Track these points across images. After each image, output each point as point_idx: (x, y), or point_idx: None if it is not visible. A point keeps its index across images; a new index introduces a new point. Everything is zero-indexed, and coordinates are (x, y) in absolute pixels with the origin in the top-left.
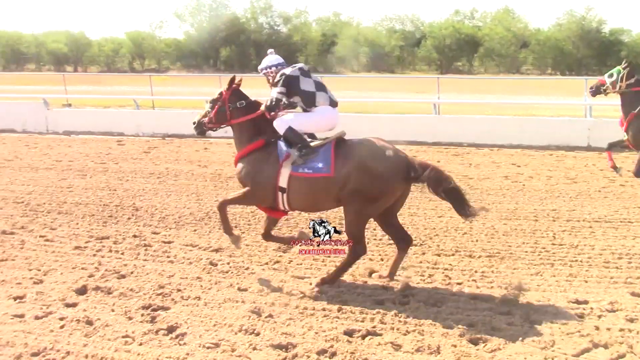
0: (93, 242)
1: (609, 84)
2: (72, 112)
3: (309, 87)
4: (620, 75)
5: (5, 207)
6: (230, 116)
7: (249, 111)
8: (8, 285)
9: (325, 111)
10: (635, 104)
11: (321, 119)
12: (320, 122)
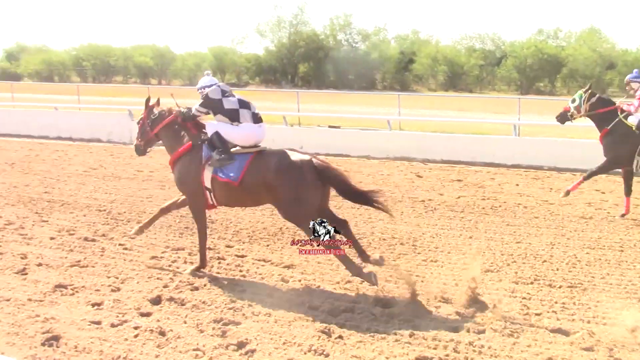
0: (169, 252)
1: (573, 110)
2: None
3: (233, 106)
4: (582, 99)
5: (88, 215)
6: (150, 130)
7: (162, 119)
8: (87, 292)
9: (248, 127)
10: (606, 122)
11: (244, 134)
12: (243, 136)
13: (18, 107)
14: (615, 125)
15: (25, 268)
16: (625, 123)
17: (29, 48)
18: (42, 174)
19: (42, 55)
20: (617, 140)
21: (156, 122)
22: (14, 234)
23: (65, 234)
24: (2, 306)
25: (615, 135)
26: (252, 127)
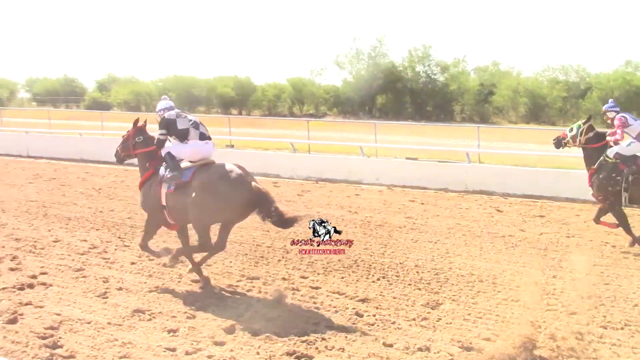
0: (244, 281)
1: (569, 138)
2: (234, 153)
3: (184, 126)
4: (580, 130)
5: (168, 241)
6: (133, 148)
7: (146, 145)
8: (164, 317)
9: (195, 144)
10: (594, 159)
11: (192, 150)
12: (191, 152)
13: (107, 135)
14: (601, 165)
15: (107, 292)
16: (608, 161)
17: (119, 79)
18: (126, 199)
19: (130, 86)
20: (606, 179)
21: (139, 146)
22: (98, 257)
23: (145, 259)
24: (83, 329)
25: (603, 175)
26: (198, 143)
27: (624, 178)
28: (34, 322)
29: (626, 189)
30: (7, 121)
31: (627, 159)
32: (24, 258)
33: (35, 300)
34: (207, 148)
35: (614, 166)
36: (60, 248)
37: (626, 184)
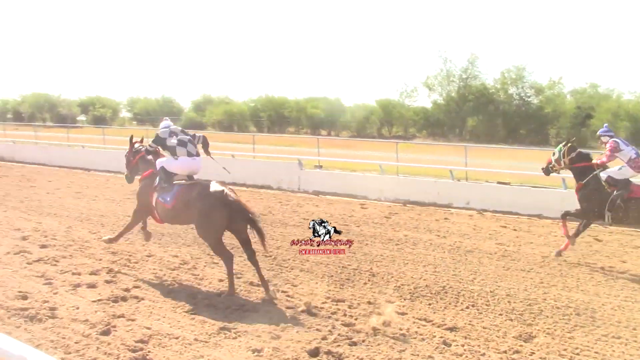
0: (329, 303)
1: (554, 162)
2: (322, 174)
3: (173, 144)
4: (561, 153)
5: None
6: (132, 159)
7: (139, 152)
8: (249, 336)
9: (183, 160)
10: (581, 177)
11: (180, 165)
12: (180, 167)
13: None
14: (590, 180)
15: (195, 308)
16: (599, 179)
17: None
18: None
19: (224, 107)
20: (589, 194)
21: (136, 154)
22: (187, 273)
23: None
24: (171, 344)
25: (589, 190)
26: (186, 159)
27: (611, 199)
28: (125, 334)
29: (610, 209)
30: (108, 139)
31: (618, 182)
32: (119, 271)
33: (128, 313)
34: (194, 163)
35: (602, 186)
36: (153, 263)
37: (611, 205)
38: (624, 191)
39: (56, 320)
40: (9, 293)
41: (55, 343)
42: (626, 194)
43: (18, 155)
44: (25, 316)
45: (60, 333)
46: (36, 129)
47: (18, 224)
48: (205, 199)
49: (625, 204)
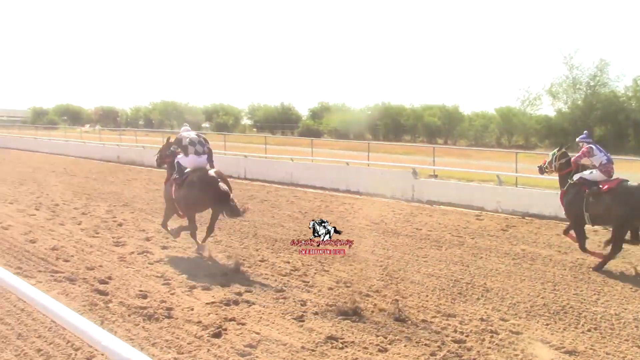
0: (439, 318)
1: (547, 165)
2: (437, 183)
3: (186, 143)
4: (554, 157)
5: (365, 269)
6: (166, 157)
7: (173, 155)
8: (356, 348)
9: (192, 157)
10: (565, 182)
11: (189, 161)
12: (189, 163)
13: (316, 161)
14: (569, 187)
15: (303, 315)
16: (576, 185)
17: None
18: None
19: (341, 115)
20: (571, 200)
21: (170, 156)
22: (298, 280)
23: (342, 285)
24: (278, 350)
25: (570, 197)
26: (194, 157)
27: (585, 200)
28: (235, 338)
29: (587, 209)
30: (229, 145)
31: (589, 183)
32: (232, 275)
33: (239, 317)
34: (200, 160)
35: (579, 189)
36: (265, 268)
37: (586, 204)
38: (595, 188)
39: (172, 320)
40: (130, 291)
41: (170, 343)
42: (597, 189)
43: (147, 160)
44: (144, 315)
45: (174, 333)
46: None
47: (143, 225)
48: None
49: (596, 199)
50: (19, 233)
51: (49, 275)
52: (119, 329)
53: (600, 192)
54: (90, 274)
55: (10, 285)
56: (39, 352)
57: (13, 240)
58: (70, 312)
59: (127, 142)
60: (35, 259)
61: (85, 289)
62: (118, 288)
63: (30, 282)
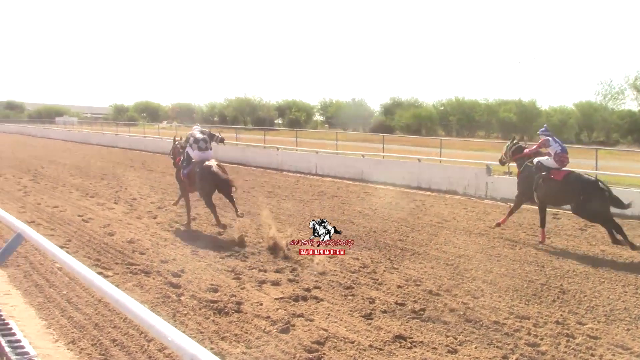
0: (512, 319)
1: (503, 155)
2: (512, 180)
3: (191, 140)
4: (508, 148)
5: (436, 267)
6: (177, 155)
7: (180, 154)
8: (425, 348)
9: (198, 151)
10: (520, 166)
11: (196, 154)
12: (195, 156)
13: (387, 157)
14: (524, 168)
15: (372, 313)
16: (529, 166)
17: (403, 103)
18: (399, 221)
19: (413, 110)
20: (523, 179)
21: (180, 154)
22: (367, 277)
23: (412, 283)
24: (346, 348)
25: (522, 176)
26: (198, 152)
27: (535, 181)
28: (303, 334)
29: (535, 189)
30: (301, 141)
31: (544, 167)
32: (301, 271)
33: (307, 313)
34: (204, 154)
35: (534, 171)
36: (334, 264)
37: (536, 185)
38: (546, 173)
39: (241, 314)
40: (202, 285)
41: (238, 337)
42: (547, 175)
43: (220, 156)
44: (214, 308)
45: (243, 327)
46: (237, 131)
47: None
48: (202, 172)
49: (545, 183)
50: (98, 226)
51: (125, 267)
52: (190, 322)
53: (549, 177)
54: (164, 267)
55: (85, 278)
56: (114, 342)
57: (93, 233)
58: (138, 306)
59: None
60: (112, 252)
61: (159, 281)
62: (190, 281)
63: (108, 274)
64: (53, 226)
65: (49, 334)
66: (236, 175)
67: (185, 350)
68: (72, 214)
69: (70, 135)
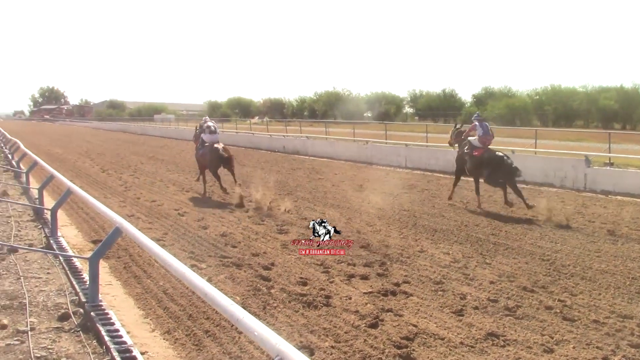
0: (613, 319)
1: (450, 139)
2: (613, 172)
3: (204, 127)
4: (452, 132)
5: (530, 263)
6: (197, 138)
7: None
8: (519, 346)
9: (209, 135)
10: (460, 148)
11: (207, 138)
12: (207, 139)
13: None
14: (461, 148)
15: (463, 309)
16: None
17: (495, 92)
18: (491, 215)
19: (506, 100)
20: (458, 158)
21: (198, 136)
22: (458, 272)
23: (505, 279)
24: (436, 345)
25: (458, 155)
26: (209, 135)
27: (464, 157)
28: (392, 329)
29: (465, 164)
30: (390, 134)
31: (472, 146)
32: (390, 265)
33: (396, 308)
34: (213, 137)
35: (465, 150)
36: (424, 259)
37: (465, 161)
38: (470, 150)
39: (330, 308)
40: (291, 278)
41: (327, 331)
42: (470, 152)
43: (310, 150)
44: (304, 302)
45: (332, 321)
46: (327, 125)
47: (305, 213)
48: (210, 150)
49: (469, 158)
50: (193, 219)
51: (217, 260)
52: (279, 315)
53: (472, 154)
54: (255, 260)
55: (177, 271)
56: (207, 333)
57: (187, 226)
58: (226, 300)
59: (292, 132)
60: (206, 244)
61: (250, 274)
62: (280, 274)
63: (201, 266)
64: (151, 219)
65: (146, 324)
66: (326, 168)
67: (271, 345)
68: (168, 208)
69: (167, 132)
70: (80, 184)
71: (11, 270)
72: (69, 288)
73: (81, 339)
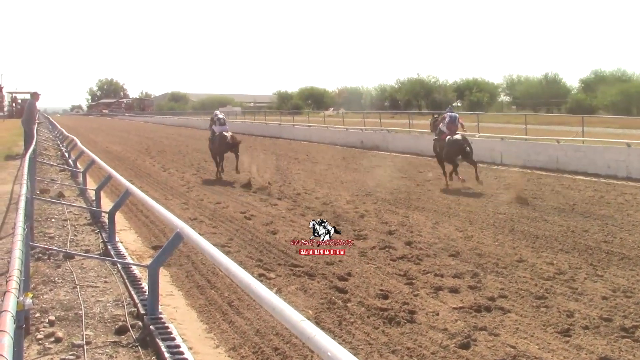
0: None
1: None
2: None
3: (215, 119)
4: (430, 123)
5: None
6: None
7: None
8: None
9: (219, 126)
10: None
11: (218, 129)
12: (217, 129)
13: (588, 142)
14: (436, 136)
15: (570, 329)
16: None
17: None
18: (603, 219)
19: (619, 86)
20: (434, 144)
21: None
22: (563, 285)
23: (620, 294)
24: None
25: (434, 142)
26: (219, 127)
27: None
28: (486, 351)
29: (441, 149)
30: (483, 126)
31: (441, 132)
32: (484, 276)
33: (491, 326)
34: (223, 128)
35: (434, 138)
36: (523, 270)
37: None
38: (439, 137)
39: (414, 325)
40: (370, 290)
41: (411, 351)
42: (439, 137)
43: (391, 145)
44: (384, 317)
45: (417, 340)
46: (410, 117)
47: (386, 217)
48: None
49: (439, 143)
50: (260, 223)
51: (288, 269)
52: (357, 332)
53: (441, 139)
54: (329, 269)
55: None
56: (276, 350)
57: (255, 231)
58: (297, 315)
59: (371, 125)
60: (275, 251)
61: (324, 285)
62: (358, 286)
63: (270, 276)
64: (215, 223)
65: (210, 339)
66: (409, 166)
67: None
68: (234, 211)
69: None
70: (139, 185)
71: (67, 279)
72: (127, 298)
73: (139, 354)
